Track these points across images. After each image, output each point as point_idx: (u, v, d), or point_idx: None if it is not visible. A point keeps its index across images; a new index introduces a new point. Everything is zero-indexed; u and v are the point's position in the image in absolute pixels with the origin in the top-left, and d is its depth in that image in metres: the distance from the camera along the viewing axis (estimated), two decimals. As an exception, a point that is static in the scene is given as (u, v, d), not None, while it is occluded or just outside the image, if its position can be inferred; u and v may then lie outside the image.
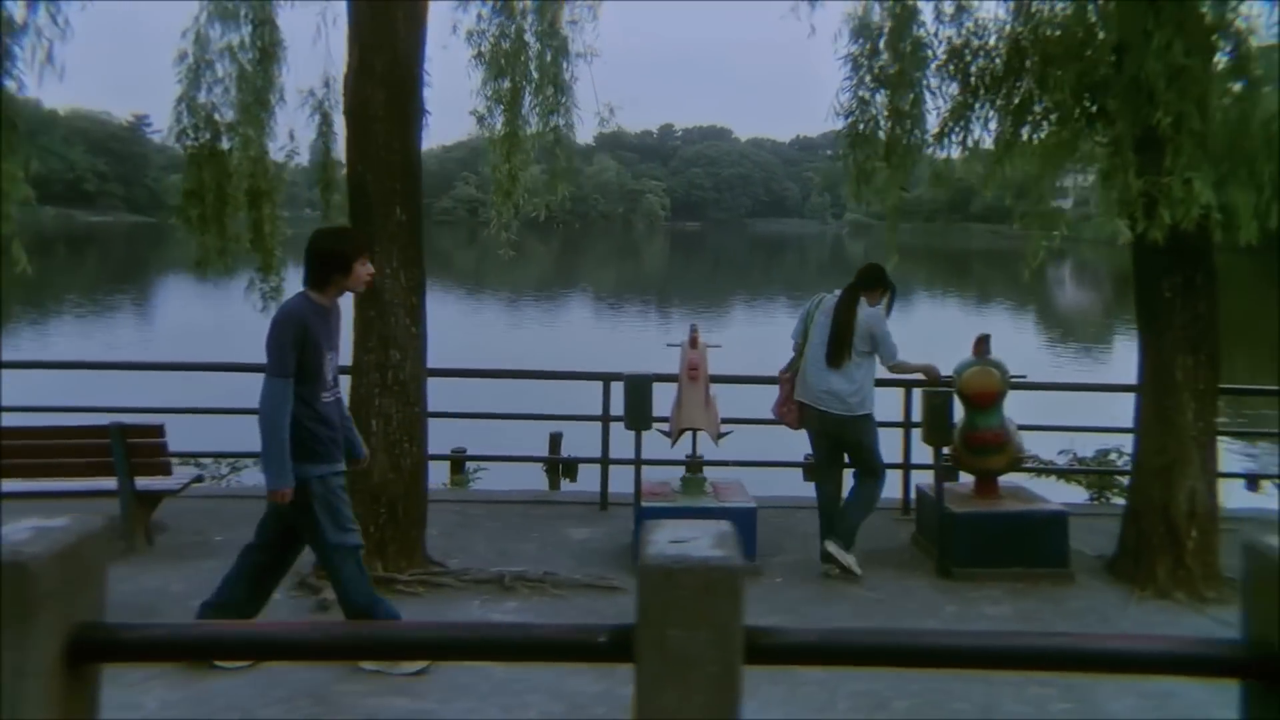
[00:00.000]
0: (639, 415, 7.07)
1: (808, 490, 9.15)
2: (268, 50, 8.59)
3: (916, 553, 7.63)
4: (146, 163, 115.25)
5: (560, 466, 9.92)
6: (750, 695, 5.49)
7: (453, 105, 8.73)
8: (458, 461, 10.17)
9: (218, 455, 10.07)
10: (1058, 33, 6.15)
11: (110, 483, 6.88)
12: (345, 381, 7.00)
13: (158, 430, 6.93)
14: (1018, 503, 7.32)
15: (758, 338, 22.20)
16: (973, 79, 6.92)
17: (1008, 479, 7.66)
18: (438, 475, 10.02)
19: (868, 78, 6.37)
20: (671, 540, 2.51)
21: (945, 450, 7.31)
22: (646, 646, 2.38)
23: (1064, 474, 9.97)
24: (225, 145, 8.54)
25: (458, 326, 26.18)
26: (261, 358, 5.03)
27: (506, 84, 8.58)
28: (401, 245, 6.66)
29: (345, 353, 5.76)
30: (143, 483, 6.99)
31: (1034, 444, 10.38)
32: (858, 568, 7.01)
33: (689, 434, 7.33)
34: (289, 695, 4.97)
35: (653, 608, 2.38)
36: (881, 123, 6.49)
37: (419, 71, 6.73)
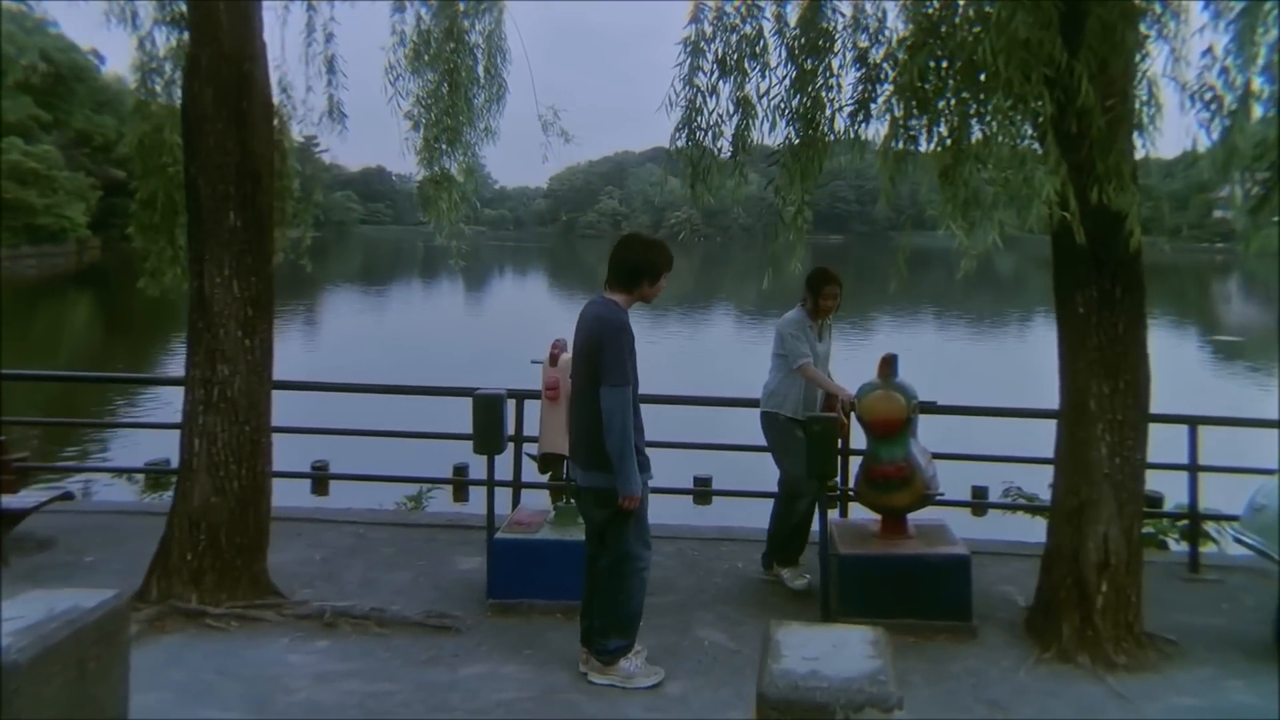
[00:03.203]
0: (489, 438, 6.49)
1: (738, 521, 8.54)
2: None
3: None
4: (313, 182, 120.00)
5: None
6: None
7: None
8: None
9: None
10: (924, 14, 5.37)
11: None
12: (177, 395, 6.70)
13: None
14: (920, 545, 6.47)
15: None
16: (870, 68, 6.17)
17: (926, 515, 6.83)
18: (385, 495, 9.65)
19: (703, 63, 5.66)
20: None
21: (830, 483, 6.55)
22: None
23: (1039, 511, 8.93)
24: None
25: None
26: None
27: (445, 86, 8.22)
28: (236, 253, 6.27)
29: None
30: (-7, 500, 6.77)
31: (1018, 477, 9.48)
32: (793, 583, 6.97)
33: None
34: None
35: None
36: (727, 115, 5.80)
37: (253, 68, 6.32)
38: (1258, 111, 5.02)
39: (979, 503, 8.00)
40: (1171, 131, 5.68)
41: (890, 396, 6.50)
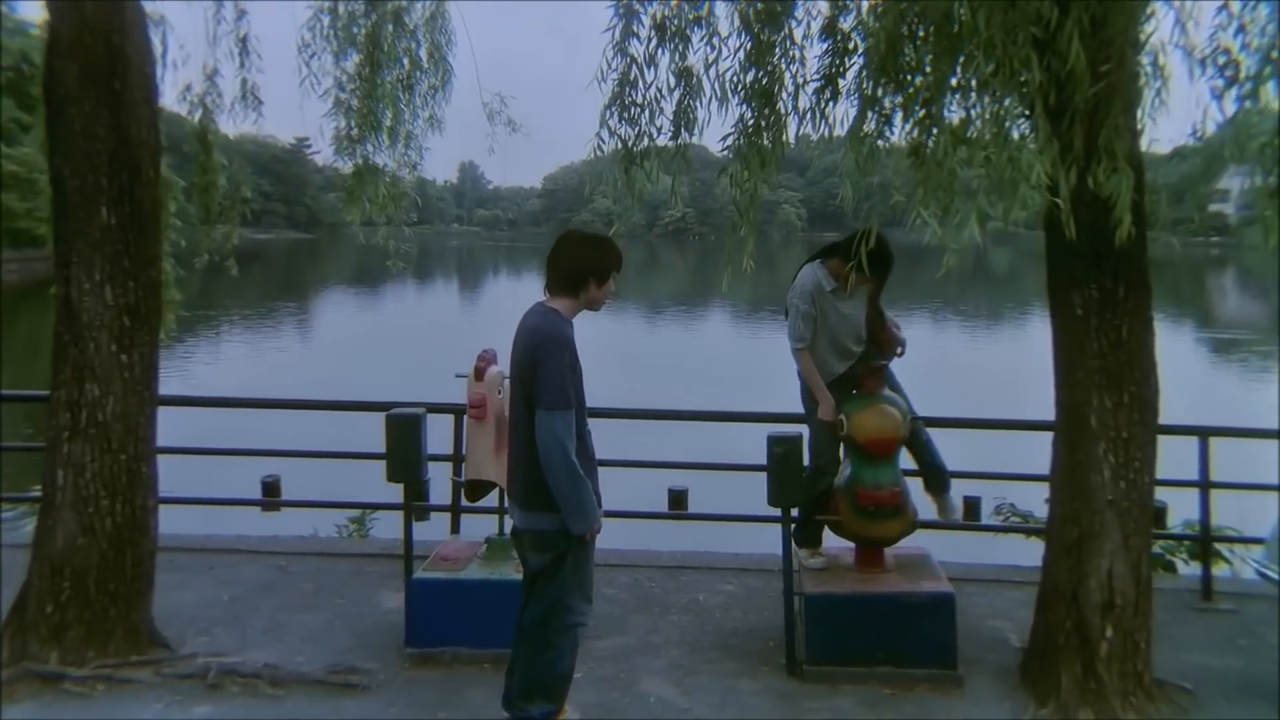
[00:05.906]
0: (405, 463, 5.67)
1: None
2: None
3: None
4: (305, 183, 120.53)
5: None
6: None
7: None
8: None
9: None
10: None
11: None
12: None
13: None
14: (898, 581, 5.65)
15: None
16: (839, 38, 5.34)
17: (908, 544, 6.02)
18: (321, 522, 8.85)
19: (638, 28, 4.83)
20: None
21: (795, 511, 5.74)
22: None
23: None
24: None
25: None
26: None
27: (366, 68, 7.41)
28: (109, 255, 5.45)
29: None
30: None
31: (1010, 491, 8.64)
32: (810, 560, 5.99)
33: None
34: None
35: None
36: (667, 89, 4.97)
37: (124, 42, 5.45)
38: None
39: (967, 525, 7.15)
40: (1175, 109, 4.87)
41: (884, 412, 5.68)
